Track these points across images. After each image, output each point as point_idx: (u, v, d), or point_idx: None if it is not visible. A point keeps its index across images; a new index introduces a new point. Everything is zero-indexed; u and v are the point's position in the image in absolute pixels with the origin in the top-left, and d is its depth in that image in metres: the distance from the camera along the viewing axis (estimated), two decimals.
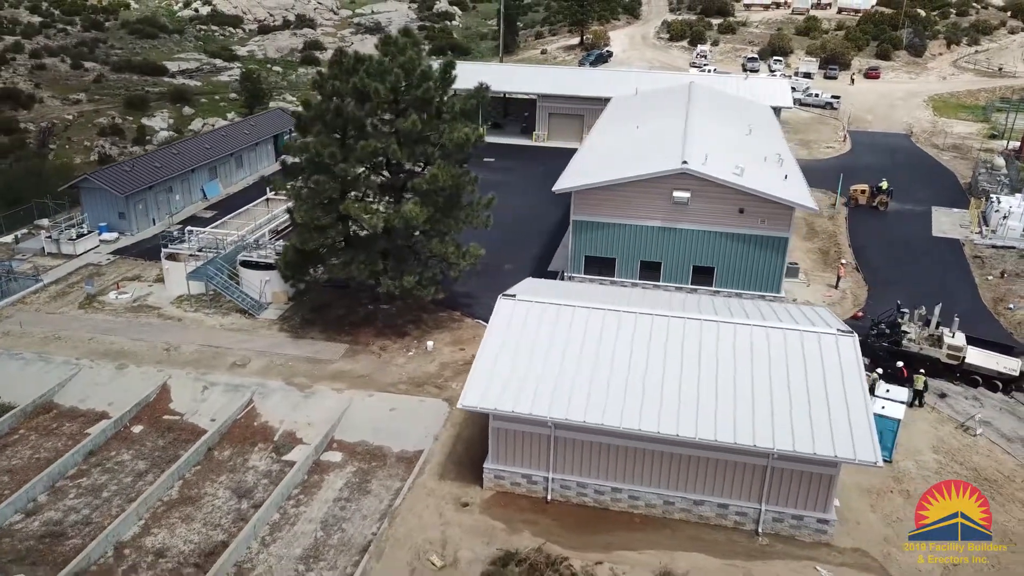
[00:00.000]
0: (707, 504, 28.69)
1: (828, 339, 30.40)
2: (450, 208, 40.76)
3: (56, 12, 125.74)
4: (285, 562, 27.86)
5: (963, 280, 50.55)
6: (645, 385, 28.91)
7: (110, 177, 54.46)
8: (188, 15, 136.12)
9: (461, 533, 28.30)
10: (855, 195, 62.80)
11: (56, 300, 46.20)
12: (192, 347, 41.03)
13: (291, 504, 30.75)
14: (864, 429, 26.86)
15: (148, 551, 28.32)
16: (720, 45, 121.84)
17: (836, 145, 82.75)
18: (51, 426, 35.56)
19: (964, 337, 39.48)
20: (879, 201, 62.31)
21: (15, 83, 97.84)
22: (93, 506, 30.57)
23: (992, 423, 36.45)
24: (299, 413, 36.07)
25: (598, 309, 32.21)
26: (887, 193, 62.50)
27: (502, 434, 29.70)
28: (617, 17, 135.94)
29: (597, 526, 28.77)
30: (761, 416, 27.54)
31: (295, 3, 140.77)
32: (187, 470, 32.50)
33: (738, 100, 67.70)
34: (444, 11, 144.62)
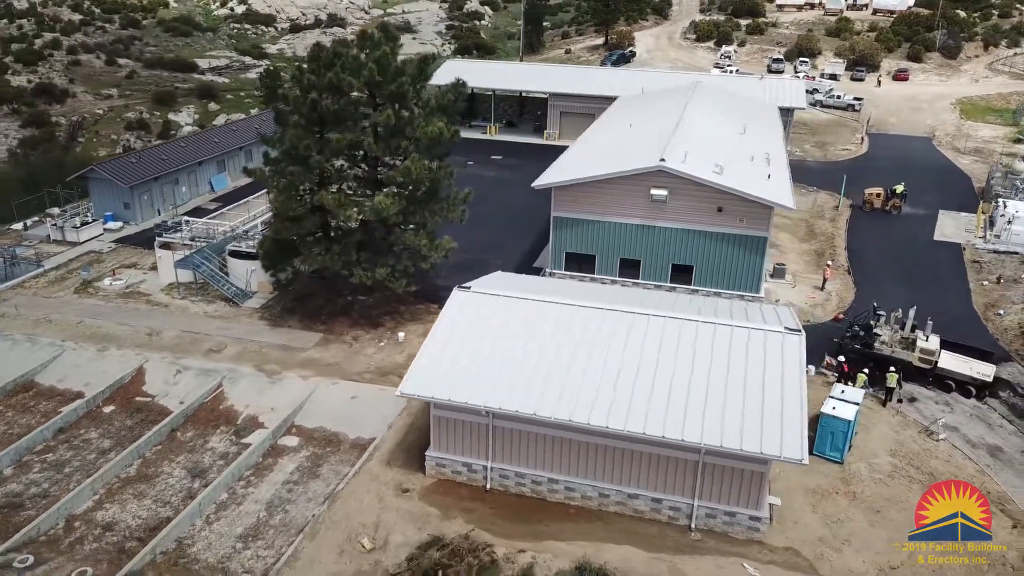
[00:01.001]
0: (641, 498, 28.75)
1: (774, 337, 30.23)
2: (426, 201, 41.37)
3: (97, 10, 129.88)
4: (224, 539, 28.69)
5: (957, 284, 49.50)
6: (582, 377, 29.09)
7: (115, 168, 56.29)
8: (223, 14, 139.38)
9: (396, 518, 28.83)
10: (870, 198, 61.56)
11: (54, 285, 47.97)
12: (173, 332, 42.28)
13: (241, 485, 31.61)
14: (795, 427, 26.68)
15: (97, 524, 29.42)
16: (747, 46, 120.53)
17: (852, 147, 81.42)
18: (29, 404, 37.04)
19: (939, 341, 38.74)
20: (892, 205, 61.00)
21: (51, 78, 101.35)
22: (54, 480, 31.82)
23: (959, 428, 35.76)
24: (264, 398, 36.98)
25: (548, 302, 32.47)
26: (901, 197, 61.14)
27: (443, 422, 30.16)
28: (645, 18, 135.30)
29: (532, 516, 29.04)
30: (693, 411, 27.52)
31: (328, 2, 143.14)
32: (148, 449, 33.60)
33: (743, 100, 67.06)
34: (474, 11, 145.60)
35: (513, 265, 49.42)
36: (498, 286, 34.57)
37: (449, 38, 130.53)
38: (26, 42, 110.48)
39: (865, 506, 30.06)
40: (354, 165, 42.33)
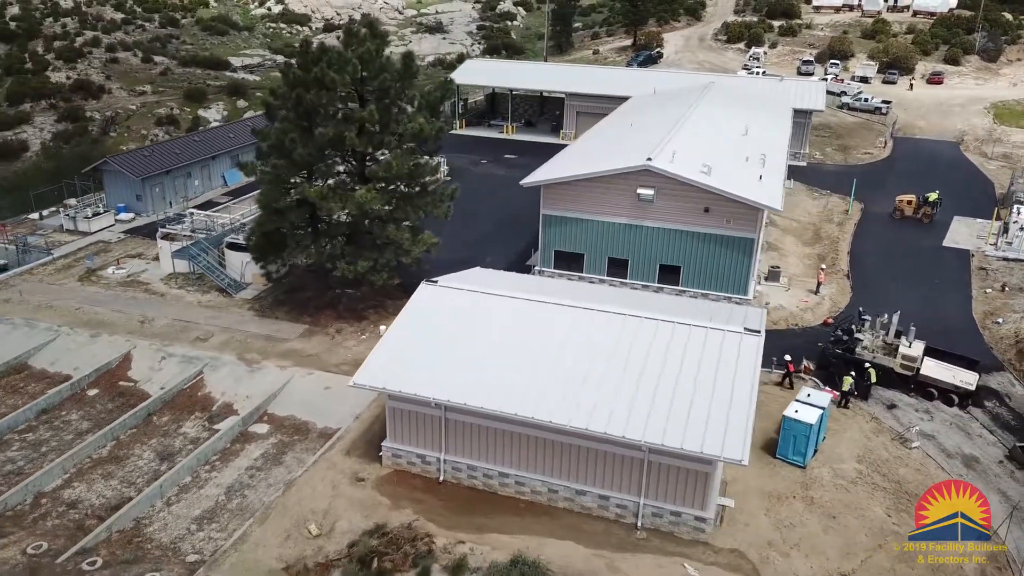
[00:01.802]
0: (589, 495, 28.72)
1: (732, 338, 29.95)
2: (410, 197, 41.88)
3: (139, 9, 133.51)
4: (181, 521, 29.48)
5: (959, 291, 48.29)
6: (534, 372, 29.20)
7: (128, 161, 57.96)
8: (260, 13, 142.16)
9: (347, 506, 29.26)
10: (900, 206, 59.87)
11: (60, 273, 49.60)
12: (165, 320, 43.42)
13: (206, 469, 32.41)
14: (739, 428, 26.41)
15: (63, 502, 30.46)
16: (778, 48, 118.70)
17: (875, 151, 79.78)
18: (19, 385, 38.41)
19: (922, 348, 37.89)
20: (924, 213, 59.29)
21: (88, 75, 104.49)
22: (30, 459, 33.02)
23: (936, 437, 34.98)
24: (241, 386, 37.79)
25: (510, 298, 32.65)
26: (934, 205, 59.43)
27: (398, 414, 30.52)
28: (677, 19, 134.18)
29: (481, 508, 29.21)
30: (639, 409, 27.41)
31: (362, 2, 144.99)
32: (122, 432, 34.64)
33: (755, 102, 66.18)
34: (507, 11, 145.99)
35: (507, 262, 49.58)
36: (468, 281, 34.81)
37: (479, 38, 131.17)
38: (68, 40, 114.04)
39: (821, 511, 29.58)
40: (344, 160, 42.97)
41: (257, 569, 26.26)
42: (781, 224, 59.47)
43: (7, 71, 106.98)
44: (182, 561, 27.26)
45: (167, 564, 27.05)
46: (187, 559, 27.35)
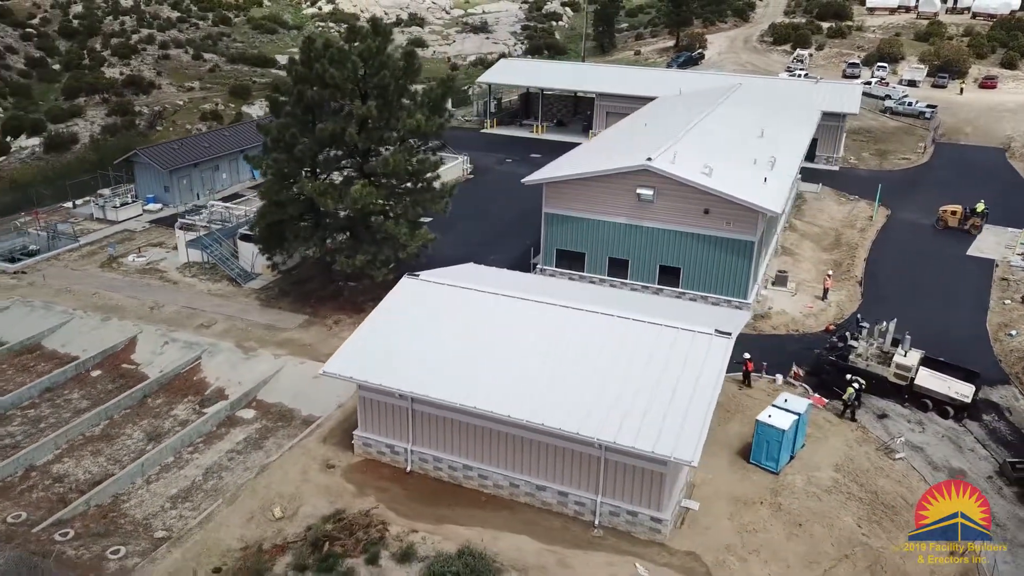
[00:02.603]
0: (549, 490, 28.80)
1: (701, 339, 29.71)
2: (409, 192, 42.53)
3: (194, 8, 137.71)
4: (157, 499, 30.58)
5: (975, 302, 46.75)
6: (499, 367, 29.45)
7: (156, 154, 60.04)
8: (311, 13, 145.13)
9: (313, 491, 29.92)
10: (944, 216, 57.91)
11: (84, 259, 51.71)
12: (174, 307, 44.92)
13: (189, 451, 33.51)
14: (694, 429, 26.22)
15: (50, 476, 31.89)
16: (825, 50, 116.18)
17: (913, 157, 77.54)
18: (30, 364, 40.26)
19: (919, 357, 36.88)
20: (972, 224, 57.32)
21: (140, 71, 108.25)
22: (28, 434, 34.61)
23: (925, 449, 34.04)
24: (235, 372, 38.90)
25: (487, 293, 32.93)
26: (981, 216, 57.50)
27: (368, 404, 31.07)
28: (724, 20, 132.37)
29: (443, 500, 29.55)
30: (599, 406, 27.40)
31: (410, 2, 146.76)
32: (117, 412, 36.02)
33: (781, 104, 65.02)
34: (553, 12, 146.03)
35: (514, 259, 49.81)
36: (452, 277, 35.20)
37: (523, 38, 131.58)
38: (124, 37, 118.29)
39: (788, 519, 29.07)
40: (347, 155, 43.80)
41: (217, 548, 27.08)
42: (800, 229, 58.46)
43: (66, 67, 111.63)
44: (150, 537, 28.30)
45: (135, 539, 28.13)
46: (155, 535, 28.39)
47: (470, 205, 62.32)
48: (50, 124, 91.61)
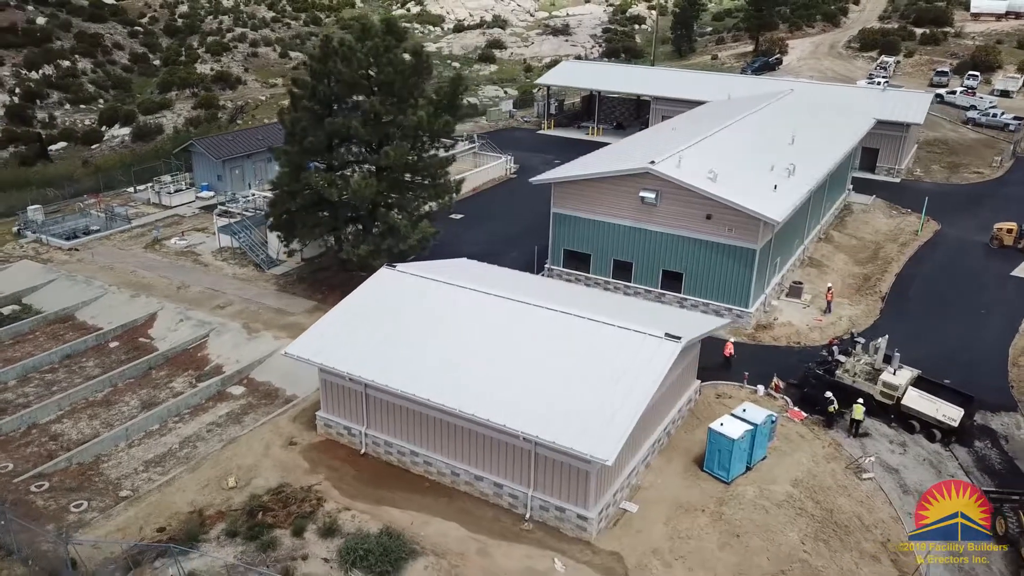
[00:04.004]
0: (486, 481, 29.31)
1: (649, 341, 29.55)
2: (412, 186, 43.79)
3: (289, 8, 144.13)
4: (134, 462, 32.82)
5: (1006, 324, 44.11)
6: (448, 357, 30.18)
7: (211, 144, 63.60)
8: (399, 14, 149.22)
9: (270, 465, 31.46)
10: (999, 234, 54.93)
11: (132, 240, 55.50)
12: (198, 288, 47.72)
13: (175, 420, 35.74)
14: (619, 429, 26.21)
15: (48, 433, 34.70)
16: (915, 57, 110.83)
17: (987, 171, 73.33)
18: (60, 333, 43.70)
19: (909, 376, 35.33)
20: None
21: (229, 67, 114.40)
22: (40, 395, 37.68)
23: (901, 471, 32.69)
24: (236, 351, 41.06)
25: (455, 287, 33.70)
26: None
27: (329, 386, 32.39)
28: (812, 24, 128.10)
29: (388, 483, 30.50)
30: (534, 401, 27.72)
31: (495, 4, 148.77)
32: (121, 380, 38.73)
33: (830, 111, 62.84)
34: (637, 15, 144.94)
35: (526, 259, 50.34)
36: (430, 270, 36.12)
37: (602, 41, 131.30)
38: (220, 35, 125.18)
39: (726, 529, 28.55)
40: (360, 148, 45.40)
41: (168, 510, 28.93)
42: (838, 240, 56.50)
43: (165, 62, 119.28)
44: (115, 495, 30.48)
45: (101, 496, 30.37)
46: (120, 494, 30.54)
47: (504, 202, 63.35)
48: (141, 115, 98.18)
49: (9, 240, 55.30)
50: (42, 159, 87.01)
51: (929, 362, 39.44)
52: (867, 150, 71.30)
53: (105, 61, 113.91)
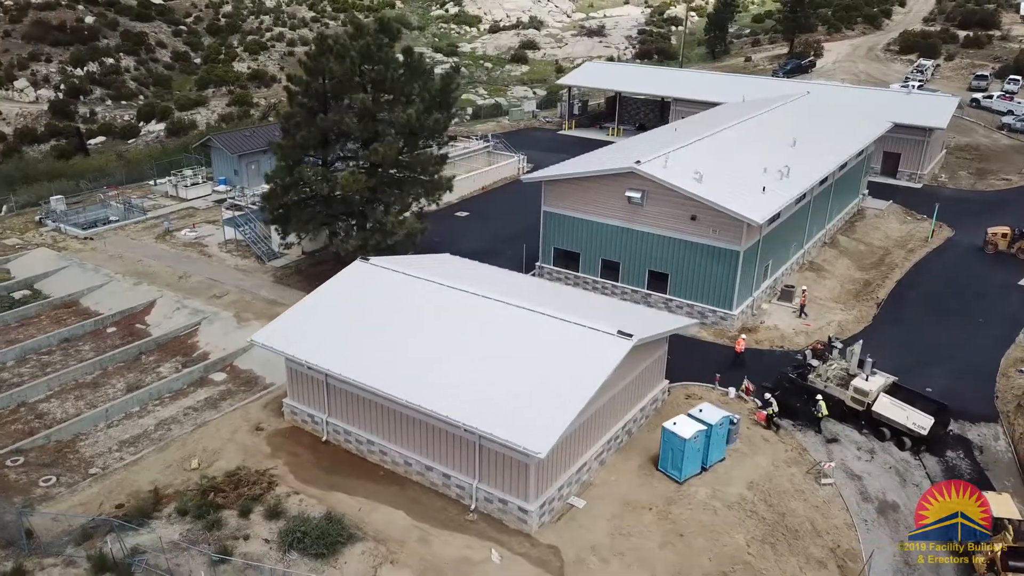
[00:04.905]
0: (435, 471, 29.74)
1: (601, 339, 29.65)
2: (402, 182, 44.54)
3: (329, 9, 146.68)
4: (109, 441, 34.11)
5: (1003, 334, 42.98)
6: (405, 348, 30.73)
7: (227, 140, 65.32)
8: (437, 15, 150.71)
9: (234, 449, 32.37)
10: (993, 239, 54.03)
11: (145, 230, 57.36)
12: (199, 278, 49.15)
13: (155, 403, 36.99)
14: (557, 423, 26.41)
15: (35, 411, 36.23)
16: (955, 60, 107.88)
17: (1015, 178, 71.18)
18: (63, 317, 45.48)
19: (881, 383, 34.73)
20: (1019, 248, 53.01)
21: (265, 66, 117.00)
22: (33, 375, 39.33)
23: (864, 478, 32.21)
24: (225, 339, 42.22)
25: (421, 280, 34.24)
26: None
27: (295, 374, 33.18)
28: (852, 26, 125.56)
29: (343, 470, 31.13)
30: (482, 393, 28.06)
31: (532, 5, 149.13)
32: (111, 364, 40.19)
33: (844, 113, 61.71)
34: (674, 16, 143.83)
35: (522, 258, 50.63)
36: (405, 264, 36.70)
37: (637, 42, 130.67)
38: (259, 34, 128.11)
39: (671, 528, 28.49)
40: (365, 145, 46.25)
41: (129, 488, 29.98)
42: (844, 245, 55.57)
43: (204, 60, 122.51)
44: (85, 472, 31.74)
45: (72, 472, 31.66)
46: (90, 470, 31.80)
47: (510, 201, 63.64)
48: (176, 112, 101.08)
49: (31, 228, 57.64)
50: (81, 152, 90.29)
51: (916, 370, 38.84)
52: (888, 155, 69.93)
53: (148, 59, 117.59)
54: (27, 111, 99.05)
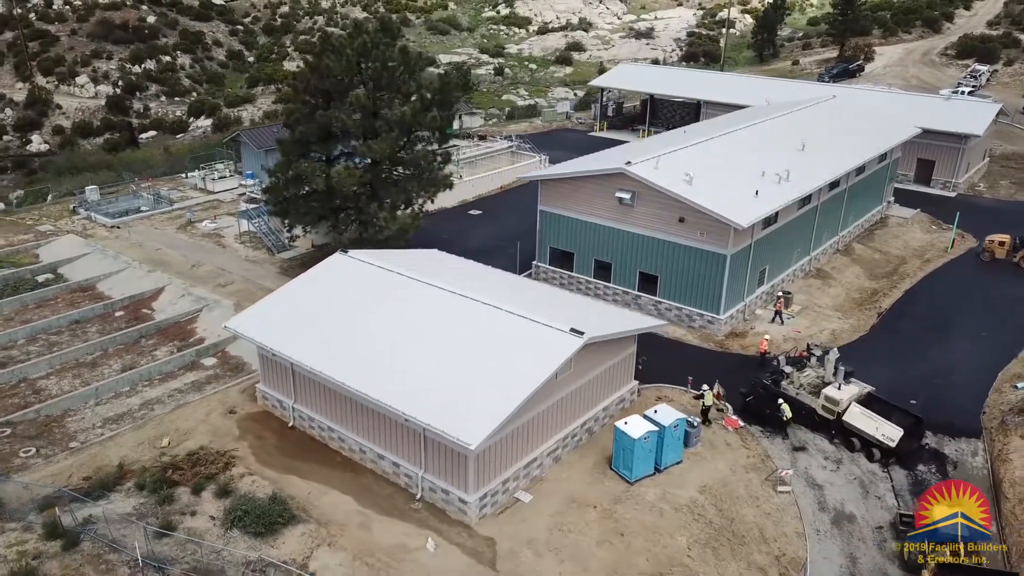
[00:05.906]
0: (386, 460, 30.38)
1: (552, 335, 29.85)
2: (396, 179, 45.45)
3: (382, 10, 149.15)
4: (95, 418, 35.78)
5: (1008, 348, 41.41)
6: (365, 338, 31.52)
7: (254, 135, 67.34)
8: (488, 16, 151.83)
9: (205, 430, 33.62)
10: (991, 247, 52.57)
11: (169, 221, 59.67)
12: (209, 267, 50.95)
13: (144, 384, 38.62)
14: (493, 416, 26.72)
15: (34, 387, 38.24)
16: (1015, 65, 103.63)
17: None
18: (78, 300, 47.73)
19: (855, 392, 33.95)
20: (1021, 257, 51.35)
21: None
22: (40, 353, 41.48)
23: (825, 488, 31.65)
24: (221, 326, 43.70)
25: (395, 274, 34.96)
26: None
27: (266, 361, 34.28)
28: (909, 30, 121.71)
29: (303, 455, 32.04)
30: (432, 385, 28.54)
31: (583, 7, 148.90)
32: (112, 346, 42.08)
33: (866, 119, 60.07)
34: (723, 19, 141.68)
35: (523, 256, 50.94)
36: (383, 258, 37.48)
37: (685, 45, 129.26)
38: (311, 34, 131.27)
39: (612, 527, 28.50)
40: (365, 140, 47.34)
41: (100, 462, 31.44)
42: (858, 253, 54.26)
43: (257, 59, 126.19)
44: (66, 445, 33.42)
45: (52, 446, 33.36)
46: (70, 445, 33.47)
47: (524, 201, 63.64)
48: (225, 108, 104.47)
49: (65, 216, 60.57)
50: (132, 146, 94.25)
51: (906, 381, 37.88)
52: (922, 162, 67.86)
53: (203, 57, 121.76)
54: (85, 106, 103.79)
